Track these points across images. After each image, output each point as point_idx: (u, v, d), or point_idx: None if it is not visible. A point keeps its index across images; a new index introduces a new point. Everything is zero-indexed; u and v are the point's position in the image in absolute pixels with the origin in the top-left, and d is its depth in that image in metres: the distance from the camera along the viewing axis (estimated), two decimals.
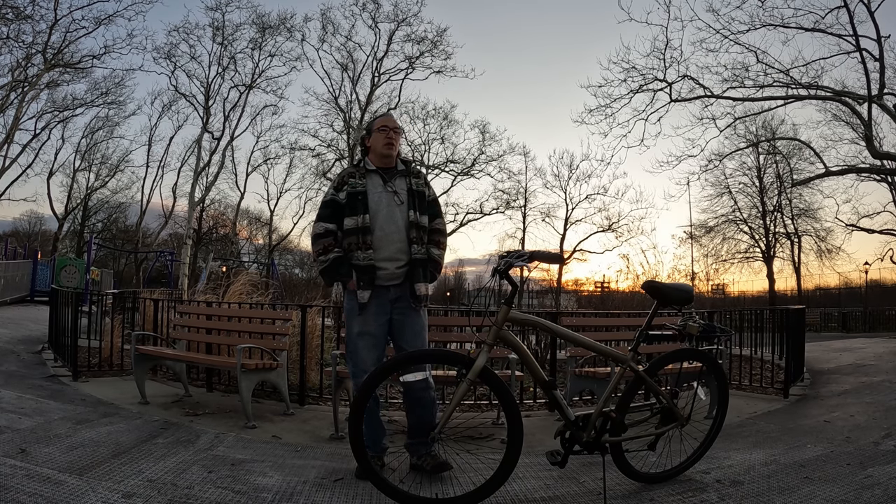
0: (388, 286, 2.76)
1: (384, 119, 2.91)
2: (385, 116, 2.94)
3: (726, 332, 3.15)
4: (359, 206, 2.74)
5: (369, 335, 2.74)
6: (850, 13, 11.82)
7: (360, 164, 2.91)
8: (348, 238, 2.75)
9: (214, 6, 20.27)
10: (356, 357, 2.76)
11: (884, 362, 6.75)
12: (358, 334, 2.75)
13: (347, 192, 2.77)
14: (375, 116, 3.02)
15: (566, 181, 28.25)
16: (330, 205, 2.80)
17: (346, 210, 2.76)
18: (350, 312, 2.78)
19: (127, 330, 6.06)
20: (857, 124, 18.77)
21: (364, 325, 2.73)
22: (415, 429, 2.75)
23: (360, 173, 2.83)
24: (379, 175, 2.84)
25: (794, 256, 28.07)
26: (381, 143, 2.83)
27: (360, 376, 2.65)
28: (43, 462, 2.61)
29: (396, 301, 2.78)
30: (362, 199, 2.76)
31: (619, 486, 2.61)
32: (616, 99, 14.82)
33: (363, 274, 2.71)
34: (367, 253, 2.72)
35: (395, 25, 22.16)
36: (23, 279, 16.17)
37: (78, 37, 18.53)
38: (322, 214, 2.82)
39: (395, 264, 2.77)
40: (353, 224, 2.74)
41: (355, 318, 2.75)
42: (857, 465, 2.85)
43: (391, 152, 2.85)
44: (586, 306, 16.80)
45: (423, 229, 2.84)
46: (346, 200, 2.77)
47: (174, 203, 30.34)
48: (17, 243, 25.83)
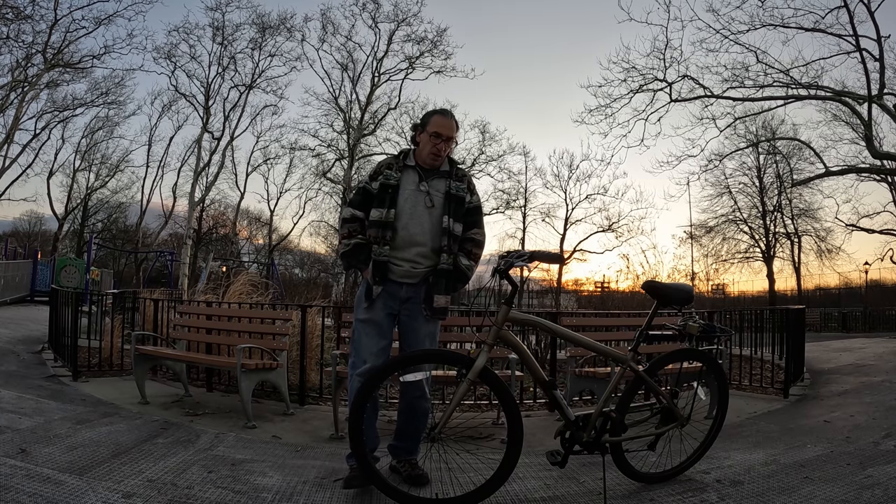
0: (401, 283, 2.66)
1: (440, 123, 2.68)
2: (443, 118, 2.71)
3: (726, 332, 3.14)
4: (386, 200, 2.65)
5: (373, 323, 2.66)
6: (850, 13, 11.84)
7: (401, 155, 2.78)
8: (371, 229, 2.67)
9: (214, 6, 20.35)
10: (358, 344, 2.68)
11: (884, 362, 6.75)
12: (363, 321, 2.67)
13: (381, 182, 2.67)
14: (433, 112, 2.76)
15: (566, 181, 28.32)
16: (361, 192, 2.73)
17: (375, 201, 2.67)
18: (359, 298, 2.72)
19: (127, 330, 6.06)
20: (857, 124, 18.78)
21: (370, 312, 2.66)
22: (401, 432, 2.72)
23: (398, 166, 2.72)
24: (417, 172, 2.71)
25: (794, 256, 28.10)
26: (427, 149, 2.68)
27: (359, 366, 2.62)
28: (43, 462, 2.61)
29: (407, 301, 2.68)
30: (392, 193, 2.66)
31: (619, 486, 2.61)
32: (616, 99, 14.83)
33: (377, 268, 2.63)
34: (384, 249, 2.63)
35: (395, 25, 22.17)
36: (23, 279, 16.17)
37: (78, 37, 18.56)
38: (353, 200, 2.76)
39: (411, 265, 2.67)
40: (377, 216, 2.65)
41: (363, 305, 2.68)
42: (857, 465, 2.85)
43: (435, 162, 2.71)
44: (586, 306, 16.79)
45: (454, 238, 2.68)
46: (377, 191, 2.68)
47: (174, 203, 30.40)
48: (17, 243, 25.83)
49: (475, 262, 2.75)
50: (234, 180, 29.67)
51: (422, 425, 2.66)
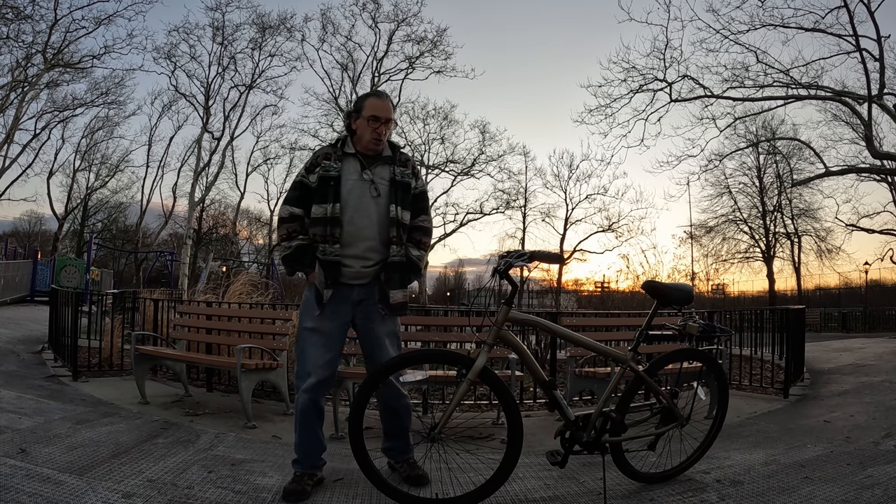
0: (353, 285, 2.50)
1: (376, 106, 2.52)
2: (378, 100, 2.55)
3: (726, 331, 3.15)
4: (329, 194, 2.44)
5: (321, 333, 2.47)
6: (850, 13, 11.84)
7: (339, 143, 2.58)
8: (315, 227, 2.47)
9: (214, 6, 20.31)
10: (303, 355, 2.49)
11: (884, 362, 6.75)
12: (309, 330, 2.48)
13: (319, 175, 2.47)
14: (367, 96, 2.60)
15: (566, 181, 28.30)
16: (299, 187, 2.52)
17: (316, 196, 2.47)
18: (306, 305, 2.51)
19: (127, 330, 6.06)
20: (857, 124, 18.78)
21: (318, 321, 2.47)
22: (389, 433, 2.67)
23: (336, 155, 2.51)
24: (358, 160, 2.52)
25: (794, 256, 28.11)
26: (367, 135, 2.50)
27: (304, 378, 2.46)
28: (43, 462, 2.61)
29: (360, 304, 2.52)
30: (334, 185, 2.45)
31: (619, 486, 2.61)
32: (616, 99, 14.83)
33: (327, 270, 2.44)
34: (333, 247, 2.44)
35: (395, 25, 22.20)
36: (23, 279, 16.16)
37: (78, 37, 18.54)
38: (290, 197, 2.54)
39: (362, 263, 2.50)
40: (320, 213, 2.45)
41: (310, 313, 2.48)
42: (857, 465, 2.85)
43: (378, 148, 2.54)
44: (586, 306, 16.79)
45: (403, 227, 2.53)
46: (316, 185, 2.47)
47: (174, 203, 30.41)
48: (17, 243, 25.83)
49: (425, 251, 2.63)
50: (234, 180, 29.72)
51: (407, 422, 2.62)
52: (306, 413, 2.48)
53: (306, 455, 2.50)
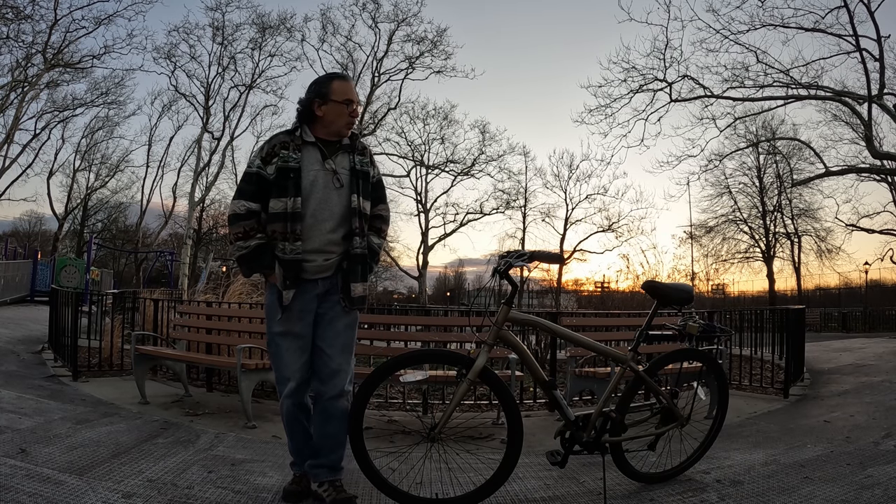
0: (316, 279, 2.33)
1: (348, 88, 2.36)
2: (346, 82, 2.39)
3: (726, 332, 3.15)
4: (289, 187, 2.25)
5: (293, 336, 2.32)
6: (850, 13, 11.84)
7: (296, 131, 2.36)
8: (273, 224, 2.27)
9: (214, 6, 20.29)
10: (279, 361, 2.35)
11: (884, 362, 6.75)
12: (280, 335, 2.32)
13: (277, 166, 2.27)
14: (332, 78, 2.39)
15: (566, 181, 28.33)
16: (255, 180, 2.29)
17: (274, 189, 2.27)
18: (271, 308, 2.33)
19: (127, 330, 6.06)
20: (857, 124, 18.79)
21: (287, 324, 2.30)
22: (318, 448, 2.36)
23: (294, 144, 2.31)
24: (318, 149, 2.34)
25: (794, 256, 28.11)
26: (342, 120, 2.34)
27: (284, 384, 2.35)
28: (43, 462, 2.61)
29: (325, 296, 2.35)
30: (294, 177, 2.26)
31: (619, 486, 2.61)
32: (616, 99, 14.83)
33: (287, 269, 2.26)
34: (294, 245, 2.26)
35: (395, 25, 22.18)
36: (23, 279, 16.17)
37: (78, 37, 18.57)
38: (244, 190, 2.31)
39: (324, 256, 2.33)
40: (280, 208, 2.26)
41: (277, 316, 2.31)
42: (857, 465, 2.85)
43: (347, 133, 2.39)
44: (586, 306, 16.81)
45: (365, 217, 2.40)
46: (274, 177, 2.27)
47: (174, 203, 30.39)
48: (17, 243, 25.83)
49: (384, 239, 2.55)
50: (235, 180, 29.60)
51: (339, 432, 2.33)
52: (292, 417, 2.39)
53: (302, 456, 2.43)
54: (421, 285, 27.36)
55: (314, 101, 2.32)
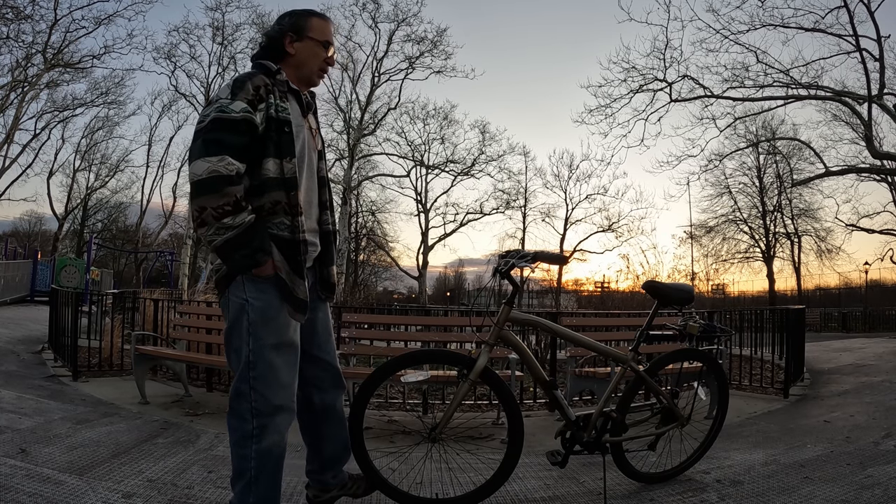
0: (309, 268, 1.92)
1: (327, 29, 1.92)
2: (326, 22, 1.93)
3: (726, 332, 3.14)
4: (285, 144, 1.74)
5: (292, 347, 1.80)
6: (850, 13, 11.85)
7: (278, 73, 1.83)
8: (272, 192, 1.73)
9: (214, 6, 20.33)
10: (274, 382, 1.73)
11: (884, 362, 6.75)
12: (275, 347, 1.74)
13: (269, 115, 1.73)
14: (308, 12, 1.92)
15: (566, 181, 28.40)
16: (244, 129, 1.67)
17: (269, 146, 1.73)
18: (263, 313, 1.73)
19: (127, 330, 6.07)
20: (857, 124, 18.80)
21: (288, 333, 1.78)
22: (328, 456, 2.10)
23: (280, 91, 1.80)
24: (297, 100, 1.89)
25: (794, 256, 28.13)
26: (315, 63, 1.90)
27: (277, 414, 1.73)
28: (43, 462, 2.61)
29: (311, 289, 1.92)
30: (289, 132, 1.76)
31: (620, 486, 2.61)
32: (616, 99, 14.85)
33: (292, 253, 1.76)
34: (296, 220, 1.76)
35: (395, 25, 22.13)
36: (23, 279, 16.17)
37: (78, 37, 18.60)
38: (227, 142, 1.64)
39: (315, 237, 1.93)
40: (276, 172, 1.73)
41: (271, 323, 1.74)
42: (857, 465, 2.85)
43: (318, 82, 2.00)
44: (586, 306, 16.80)
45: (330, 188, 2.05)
46: (264, 129, 1.72)
47: (174, 203, 30.40)
48: (17, 243, 25.84)
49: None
50: None
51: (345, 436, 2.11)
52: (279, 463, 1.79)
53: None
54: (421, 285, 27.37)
55: (287, 34, 1.87)
